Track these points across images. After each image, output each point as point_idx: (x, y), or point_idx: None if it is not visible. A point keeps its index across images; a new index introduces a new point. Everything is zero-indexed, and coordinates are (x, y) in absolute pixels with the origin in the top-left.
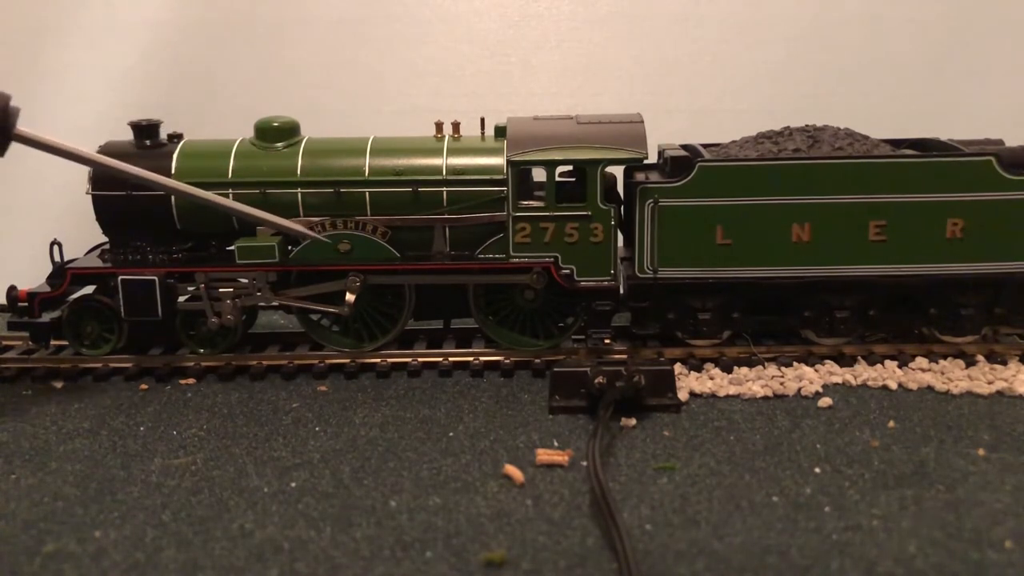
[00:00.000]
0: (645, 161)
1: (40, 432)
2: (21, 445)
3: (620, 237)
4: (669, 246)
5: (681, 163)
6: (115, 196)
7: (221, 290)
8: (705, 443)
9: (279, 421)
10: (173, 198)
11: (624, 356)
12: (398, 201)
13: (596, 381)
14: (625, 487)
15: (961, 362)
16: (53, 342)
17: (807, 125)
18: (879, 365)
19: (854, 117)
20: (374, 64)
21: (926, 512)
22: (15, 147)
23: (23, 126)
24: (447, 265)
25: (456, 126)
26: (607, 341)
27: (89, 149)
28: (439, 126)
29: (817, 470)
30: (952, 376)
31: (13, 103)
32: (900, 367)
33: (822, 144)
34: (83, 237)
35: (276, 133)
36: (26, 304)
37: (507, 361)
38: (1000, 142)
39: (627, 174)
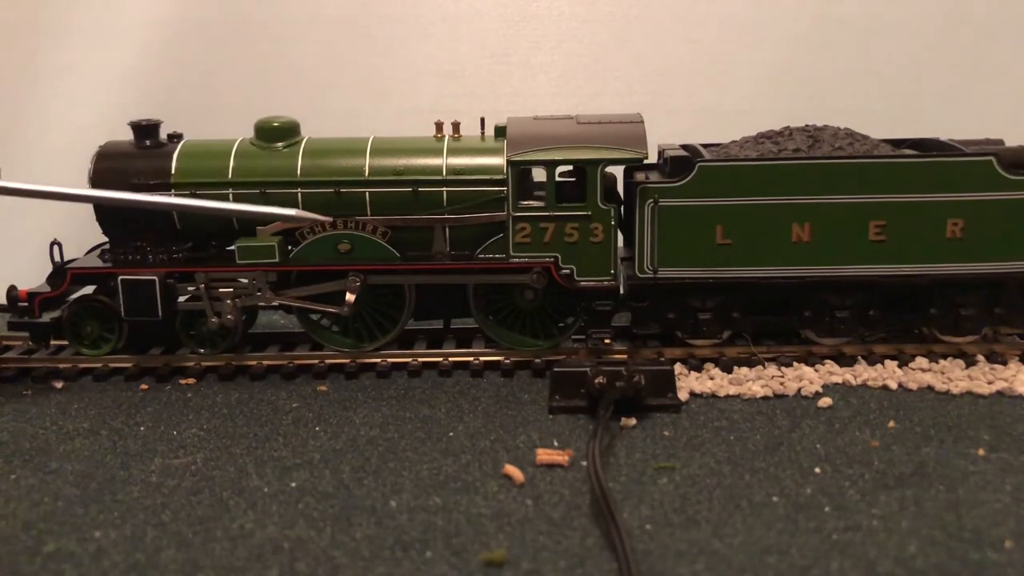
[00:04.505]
0: (645, 161)
1: (40, 432)
2: (21, 445)
3: (620, 237)
4: (669, 246)
5: (681, 163)
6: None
7: (221, 290)
8: (705, 443)
9: (279, 421)
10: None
11: (624, 356)
12: (398, 201)
13: (596, 381)
14: (625, 487)
15: (961, 362)
16: (53, 342)
17: (807, 125)
18: (879, 365)
19: (854, 117)
20: (374, 64)
21: (926, 512)
22: (12, 147)
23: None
24: (447, 265)
25: (456, 126)
26: (607, 341)
27: (89, 149)
28: (439, 126)
29: (817, 470)
30: (952, 376)
31: None
32: (900, 367)
33: (822, 144)
34: (83, 237)
35: (276, 133)
36: (26, 304)
37: (507, 361)
38: (1000, 142)
39: (627, 174)
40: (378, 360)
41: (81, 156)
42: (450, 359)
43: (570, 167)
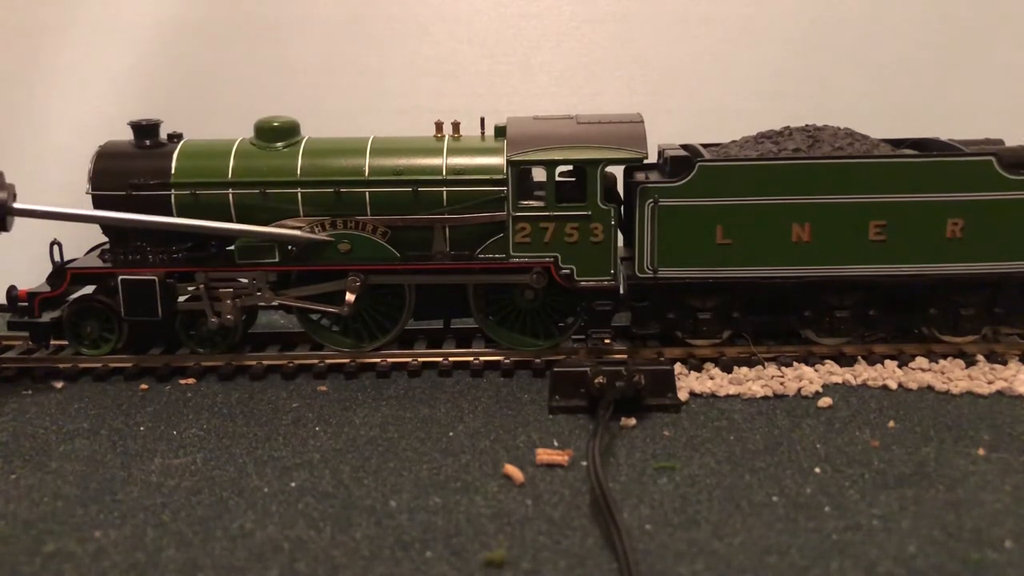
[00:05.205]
0: (645, 161)
1: (40, 432)
2: (21, 445)
3: (620, 237)
4: (669, 246)
5: (681, 163)
6: (115, 196)
7: (221, 290)
8: (705, 443)
9: (279, 421)
10: (173, 198)
11: (624, 356)
12: (398, 201)
13: (596, 381)
14: (625, 487)
15: (961, 362)
16: (53, 342)
17: (807, 125)
18: (879, 365)
19: (854, 117)
20: (374, 64)
21: (926, 512)
22: (12, 147)
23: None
24: (447, 265)
25: (456, 126)
26: (607, 341)
27: (89, 149)
28: (439, 126)
29: (817, 470)
30: (952, 376)
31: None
32: (900, 367)
33: (822, 144)
34: (83, 237)
35: (276, 133)
36: (26, 304)
37: (507, 361)
38: (1000, 142)
39: (627, 174)
40: (378, 360)
41: (81, 156)
42: (450, 359)
43: (570, 167)
